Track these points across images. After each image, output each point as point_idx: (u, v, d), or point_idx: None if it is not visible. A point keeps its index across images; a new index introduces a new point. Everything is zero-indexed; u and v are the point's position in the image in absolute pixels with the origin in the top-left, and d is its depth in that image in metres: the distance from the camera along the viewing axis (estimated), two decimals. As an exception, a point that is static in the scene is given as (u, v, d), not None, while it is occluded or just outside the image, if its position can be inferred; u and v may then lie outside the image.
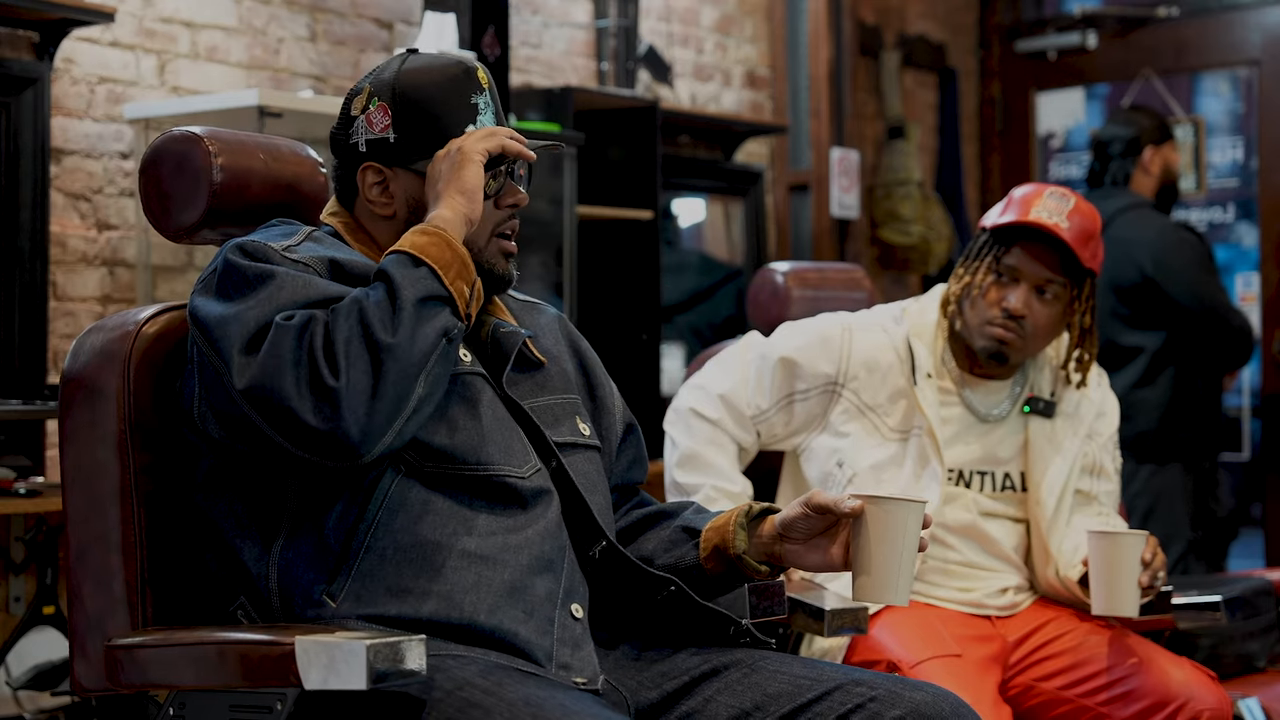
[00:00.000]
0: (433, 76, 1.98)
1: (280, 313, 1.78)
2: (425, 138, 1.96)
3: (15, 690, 3.69)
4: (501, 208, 2.00)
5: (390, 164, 1.98)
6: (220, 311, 1.81)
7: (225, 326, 1.79)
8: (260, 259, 1.85)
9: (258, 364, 1.75)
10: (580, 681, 1.85)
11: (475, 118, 1.98)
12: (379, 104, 1.98)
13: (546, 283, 4.67)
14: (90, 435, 1.95)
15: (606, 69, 5.39)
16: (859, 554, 1.93)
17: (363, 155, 1.99)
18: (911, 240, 6.26)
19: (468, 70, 1.99)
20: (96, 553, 1.94)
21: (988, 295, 2.82)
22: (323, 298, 1.81)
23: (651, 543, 2.10)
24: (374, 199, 2.00)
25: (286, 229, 1.96)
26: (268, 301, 1.80)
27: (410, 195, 1.98)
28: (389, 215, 2.00)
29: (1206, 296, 4.64)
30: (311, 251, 1.90)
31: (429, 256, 1.82)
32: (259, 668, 1.70)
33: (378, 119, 1.98)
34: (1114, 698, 2.69)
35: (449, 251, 1.83)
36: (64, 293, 4.02)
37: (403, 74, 1.98)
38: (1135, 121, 4.88)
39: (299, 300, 1.80)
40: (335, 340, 1.75)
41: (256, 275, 1.82)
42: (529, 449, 1.95)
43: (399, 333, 1.76)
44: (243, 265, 1.84)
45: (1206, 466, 4.82)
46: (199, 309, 1.84)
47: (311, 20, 4.57)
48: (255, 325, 1.78)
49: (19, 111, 3.87)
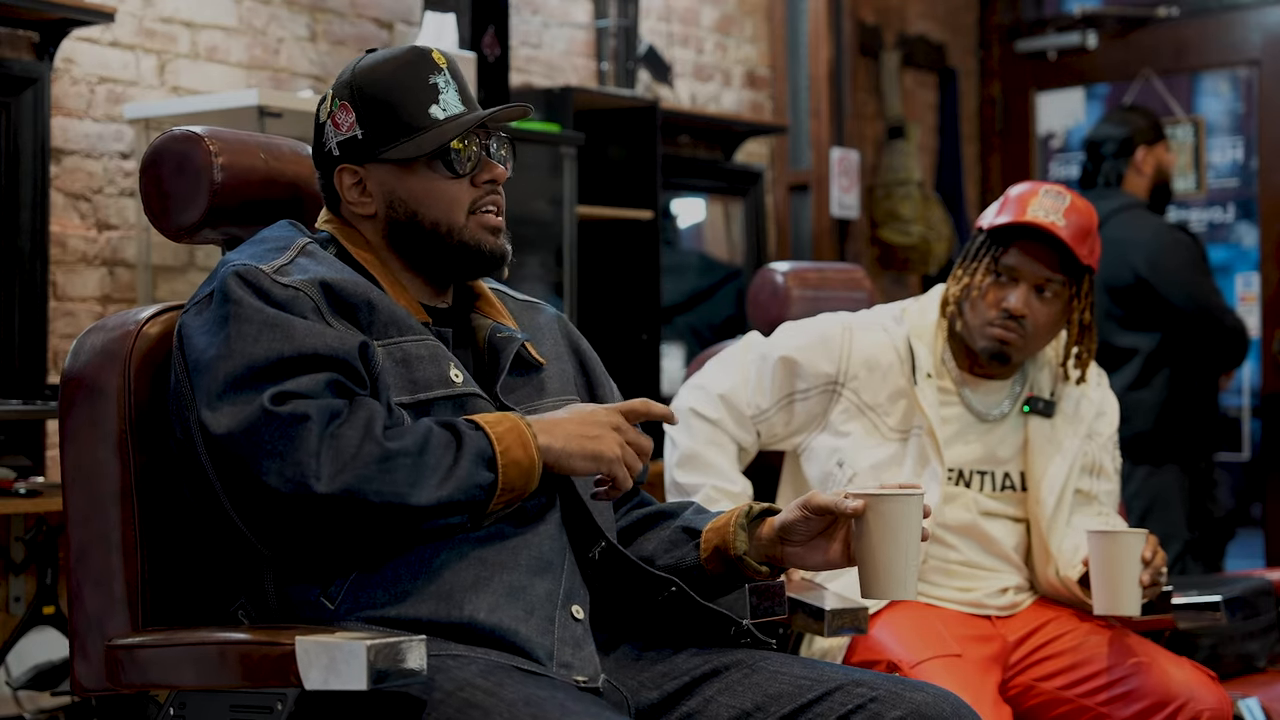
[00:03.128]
0: (387, 67, 1.99)
1: (253, 367, 1.78)
2: (389, 126, 1.97)
3: (15, 690, 3.69)
4: (479, 184, 2.00)
5: (362, 161, 1.99)
6: (201, 348, 1.82)
7: (199, 369, 1.81)
8: (253, 289, 1.84)
9: (233, 439, 1.76)
10: (581, 680, 1.85)
11: (437, 97, 1.98)
12: (341, 104, 1.99)
13: (546, 283, 4.67)
14: (91, 435, 1.95)
15: (606, 69, 5.39)
16: (863, 553, 1.93)
17: (336, 159, 2.00)
18: (911, 240, 6.26)
19: (421, 54, 2.00)
20: (97, 553, 1.94)
21: (987, 296, 2.82)
22: (297, 355, 1.79)
23: (652, 543, 2.10)
24: (354, 200, 2.00)
25: (282, 240, 1.95)
26: (242, 355, 1.79)
27: (386, 189, 1.98)
28: (370, 214, 2.00)
29: (1200, 297, 4.64)
30: (304, 272, 1.89)
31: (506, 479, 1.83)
32: (259, 668, 1.70)
33: (342, 119, 1.99)
34: (1114, 698, 2.69)
35: (524, 484, 1.84)
36: (64, 293, 4.02)
37: (359, 71, 2.00)
38: (1128, 121, 4.88)
39: (271, 356, 1.79)
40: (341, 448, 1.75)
41: (241, 315, 1.81)
42: None
43: (432, 511, 1.79)
44: (233, 298, 1.83)
45: (1203, 467, 4.82)
46: (186, 334, 1.86)
47: (311, 20, 4.57)
48: (224, 381, 1.78)
49: (19, 111, 3.87)
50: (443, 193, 1.98)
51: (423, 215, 1.98)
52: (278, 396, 1.76)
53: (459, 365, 1.94)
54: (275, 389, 1.76)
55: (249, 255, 1.91)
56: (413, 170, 1.98)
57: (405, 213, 1.98)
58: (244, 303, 1.83)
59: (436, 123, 1.97)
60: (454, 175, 1.98)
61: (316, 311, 1.85)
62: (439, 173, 1.98)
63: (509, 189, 2.08)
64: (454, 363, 1.93)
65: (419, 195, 1.98)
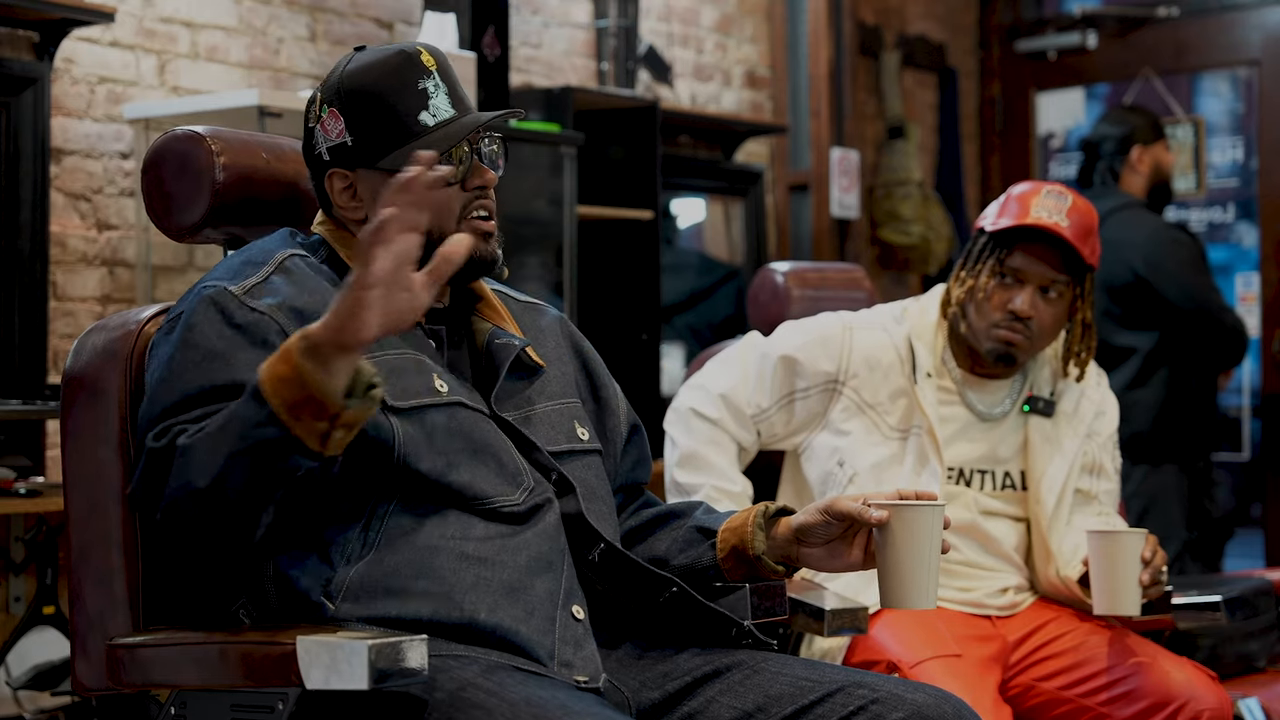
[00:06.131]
0: (375, 72, 1.96)
1: (186, 394, 1.80)
2: (380, 135, 1.95)
3: (15, 690, 3.69)
4: (469, 190, 1.98)
5: (353, 166, 1.97)
6: (152, 369, 1.87)
7: (148, 393, 1.85)
8: (218, 312, 1.84)
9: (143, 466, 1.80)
10: (582, 680, 1.85)
11: (426, 103, 1.95)
12: (330, 110, 1.97)
13: (546, 283, 4.67)
14: (92, 435, 1.95)
15: (606, 69, 5.39)
16: (884, 562, 1.93)
17: (327, 163, 1.99)
18: (911, 240, 6.26)
19: (409, 57, 1.97)
20: (98, 552, 1.94)
21: (992, 299, 2.82)
22: (229, 383, 1.80)
23: (664, 543, 2.11)
24: (344, 204, 1.99)
25: (261, 255, 1.93)
26: (180, 382, 1.81)
27: (377, 194, 1.94)
28: (360, 219, 1.98)
29: (1199, 296, 4.64)
30: (275, 295, 1.87)
31: (279, 397, 1.69)
32: (260, 667, 1.70)
33: (331, 125, 1.97)
34: (1114, 698, 2.69)
35: (301, 392, 1.69)
36: (64, 293, 4.02)
37: (346, 75, 1.97)
38: (1126, 121, 4.89)
39: (205, 385, 1.80)
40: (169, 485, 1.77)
41: (190, 342, 1.83)
42: (523, 469, 1.94)
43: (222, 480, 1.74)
44: (191, 323, 1.85)
45: (1201, 466, 4.82)
46: (154, 353, 1.89)
47: (311, 20, 4.57)
48: (159, 410, 1.81)
49: (19, 111, 3.87)
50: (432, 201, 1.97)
51: None
52: (160, 432, 1.79)
53: (445, 374, 1.93)
54: (165, 424, 1.79)
55: (223, 273, 1.91)
56: None
57: None
58: (198, 329, 1.84)
59: (426, 129, 1.95)
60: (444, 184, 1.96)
61: (282, 334, 1.83)
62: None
63: (509, 189, 2.08)
64: (438, 373, 1.92)
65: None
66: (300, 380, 1.68)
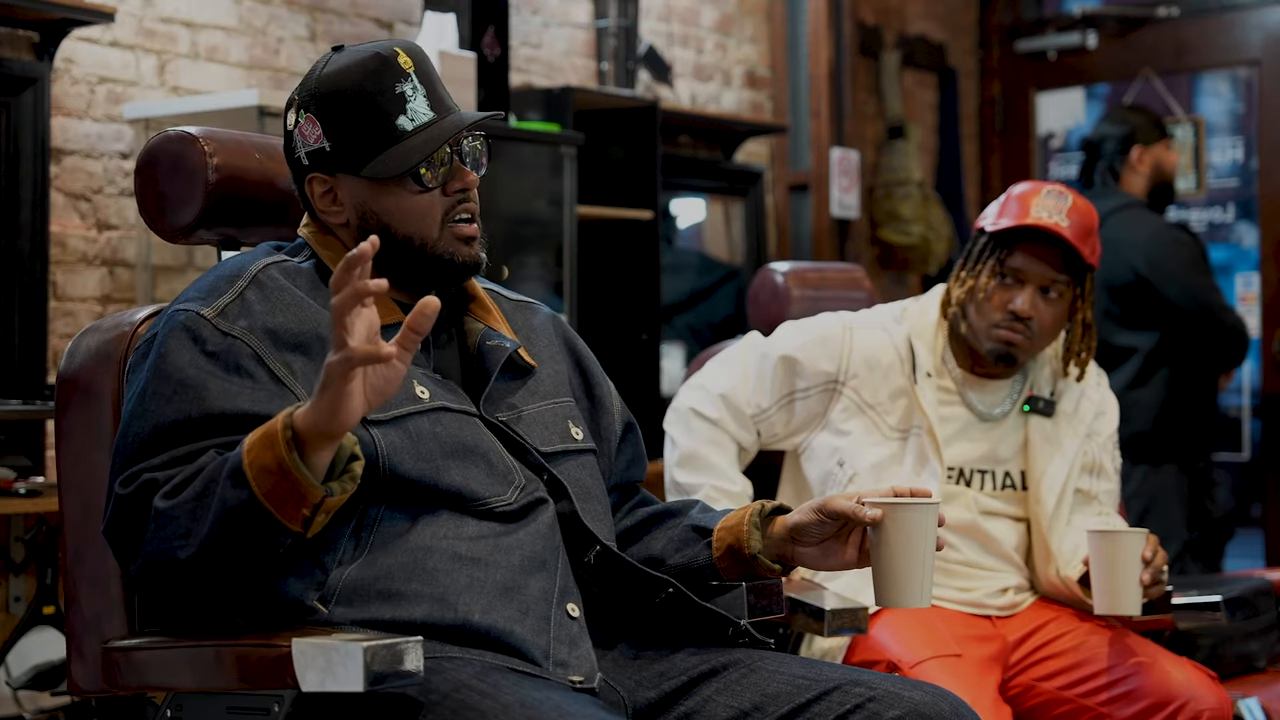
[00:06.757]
0: (351, 76, 1.92)
1: (159, 427, 1.78)
2: (358, 141, 1.93)
3: (15, 690, 3.69)
4: (450, 194, 1.95)
5: (332, 171, 1.95)
6: (127, 398, 1.85)
7: (121, 425, 1.83)
8: (190, 339, 1.82)
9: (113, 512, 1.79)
10: (577, 680, 1.85)
11: (404, 107, 1.92)
12: (306, 115, 1.94)
13: (546, 283, 4.67)
14: (86, 436, 1.95)
15: (606, 69, 5.38)
16: (879, 561, 1.93)
17: (306, 168, 1.97)
18: (911, 240, 6.26)
19: (385, 60, 1.93)
20: (93, 554, 1.94)
21: (993, 299, 2.82)
22: (203, 416, 1.78)
23: (660, 542, 2.10)
24: (325, 209, 1.97)
25: (234, 270, 1.91)
26: (153, 415, 1.79)
27: (357, 199, 1.94)
28: (342, 223, 1.97)
29: (1200, 296, 4.63)
30: (248, 315, 1.85)
31: (261, 485, 1.67)
32: (256, 670, 1.69)
33: (309, 131, 1.95)
34: (1114, 698, 2.69)
35: (284, 483, 1.67)
36: (64, 293, 4.02)
37: (321, 80, 1.94)
38: (1127, 120, 4.88)
39: (179, 418, 1.78)
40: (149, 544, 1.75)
41: (162, 372, 1.81)
42: (514, 471, 1.94)
43: (204, 556, 1.72)
44: (164, 351, 1.83)
45: (1201, 466, 4.81)
46: (129, 377, 1.88)
47: (311, 20, 4.57)
48: (132, 446, 1.80)
49: (19, 111, 3.87)
50: (412, 207, 1.93)
51: (395, 228, 1.94)
52: (128, 479, 1.78)
53: (427, 379, 1.92)
54: (133, 470, 1.78)
55: (195, 293, 1.89)
56: (383, 185, 1.93)
57: (377, 224, 1.93)
58: (169, 357, 1.82)
59: (405, 134, 1.92)
60: (424, 189, 1.93)
61: (255, 358, 1.83)
62: (408, 188, 1.93)
63: (509, 189, 2.07)
64: (418, 379, 1.90)
65: (389, 210, 1.93)
66: (283, 472, 1.66)
